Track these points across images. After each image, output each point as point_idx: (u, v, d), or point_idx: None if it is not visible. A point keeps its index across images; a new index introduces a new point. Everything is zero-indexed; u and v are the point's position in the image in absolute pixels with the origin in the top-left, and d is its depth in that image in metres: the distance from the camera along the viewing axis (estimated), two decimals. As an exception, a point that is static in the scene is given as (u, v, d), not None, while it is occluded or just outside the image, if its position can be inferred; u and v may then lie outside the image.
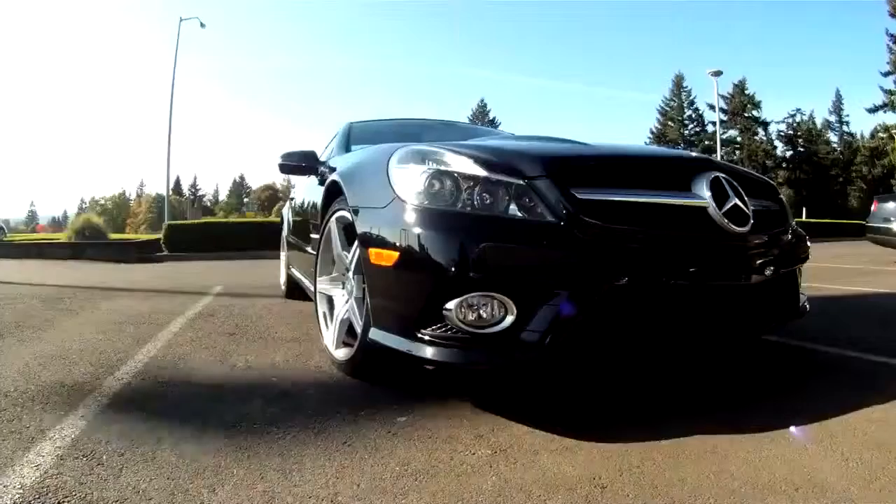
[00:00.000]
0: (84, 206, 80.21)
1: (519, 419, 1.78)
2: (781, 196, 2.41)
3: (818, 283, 5.70)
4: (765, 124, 49.19)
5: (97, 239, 13.14)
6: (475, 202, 1.74)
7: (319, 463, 1.51)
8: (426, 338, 1.73)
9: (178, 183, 77.65)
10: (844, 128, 51.28)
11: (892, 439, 1.60)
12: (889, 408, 1.85)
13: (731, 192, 1.92)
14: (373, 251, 1.89)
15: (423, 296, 1.72)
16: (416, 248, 1.73)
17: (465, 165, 1.81)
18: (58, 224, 71.95)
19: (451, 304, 1.66)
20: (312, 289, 2.77)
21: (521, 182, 1.74)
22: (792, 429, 1.65)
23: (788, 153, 49.57)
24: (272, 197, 79.40)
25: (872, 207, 8.99)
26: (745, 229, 1.89)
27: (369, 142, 3.11)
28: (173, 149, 19.18)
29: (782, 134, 49.82)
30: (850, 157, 48.27)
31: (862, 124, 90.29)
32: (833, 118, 51.47)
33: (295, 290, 4.49)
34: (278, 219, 7.03)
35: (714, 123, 40.85)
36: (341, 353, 2.30)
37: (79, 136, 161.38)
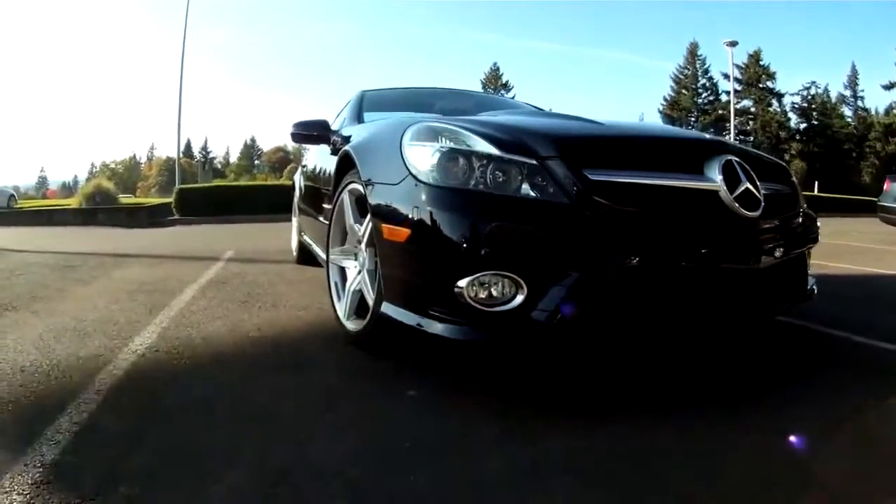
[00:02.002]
0: (94, 170, 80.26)
1: (528, 399, 1.80)
2: (793, 179, 2.37)
3: (825, 260, 5.63)
4: (779, 96, 48.88)
5: (108, 204, 13.19)
6: (488, 181, 1.73)
7: (331, 437, 1.52)
8: (437, 314, 1.74)
9: (188, 146, 77.26)
10: (859, 103, 50.75)
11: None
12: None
13: (743, 177, 1.90)
14: (385, 227, 1.90)
15: (435, 273, 1.74)
16: (429, 225, 1.74)
17: (478, 144, 1.80)
18: (68, 189, 72.02)
19: (462, 282, 1.67)
20: (324, 257, 2.76)
21: (534, 162, 1.74)
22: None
23: (802, 125, 49.31)
24: (283, 159, 79.26)
25: (885, 187, 8.89)
26: (756, 214, 1.88)
27: (382, 111, 3.08)
28: (184, 111, 19.05)
29: (796, 106, 49.46)
30: (864, 132, 47.87)
31: (877, 100, 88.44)
32: (848, 93, 50.95)
33: (306, 256, 4.48)
34: (288, 182, 7.01)
35: (728, 93, 40.49)
36: (353, 325, 2.31)
37: (88, 100, 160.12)
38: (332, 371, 2.07)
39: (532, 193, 1.71)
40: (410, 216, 1.79)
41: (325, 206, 3.01)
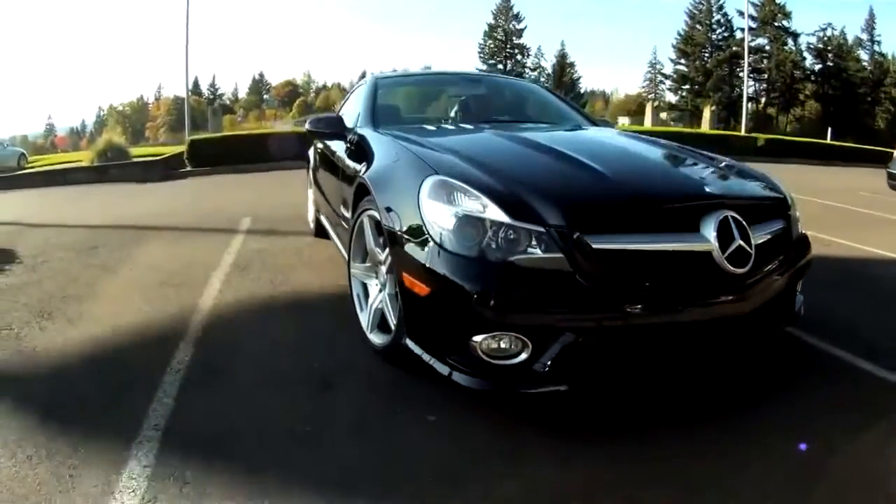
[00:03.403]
0: (102, 113, 79.50)
1: (539, 427, 1.98)
2: (791, 212, 2.43)
3: (825, 233, 5.51)
4: (794, 35, 48.92)
5: (120, 159, 13.18)
6: (500, 243, 1.89)
7: (360, 467, 1.73)
8: (453, 363, 1.95)
9: (196, 83, 75.49)
10: (876, 47, 50.21)
11: None
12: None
13: (736, 234, 1.98)
14: (407, 277, 2.04)
15: (453, 328, 1.94)
16: (448, 288, 1.90)
17: (490, 209, 1.92)
18: (77, 134, 71.75)
19: (477, 338, 1.87)
20: (345, 256, 2.88)
21: (542, 230, 1.88)
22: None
23: (817, 67, 49.35)
24: (292, 93, 78.06)
25: (895, 155, 8.67)
26: (746, 269, 1.99)
27: (395, 102, 3.42)
28: (191, 49, 18.67)
29: (812, 47, 49.34)
30: (880, 77, 47.94)
31: (894, 45, 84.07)
32: (865, 36, 50.20)
33: (323, 230, 4.55)
34: (297, 128, 6.92)
35: (742, 30, 39.21)
36: (376, 338, 2.45)
37: (92, 43, 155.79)
38: (357, 388, 2.24)
39: (539, 253, 1.86)
40: (430, 277, 1.95)
41: (343, 212, 3.13)
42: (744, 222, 2.02)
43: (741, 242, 1.97)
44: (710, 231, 1.94)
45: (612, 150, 2.59)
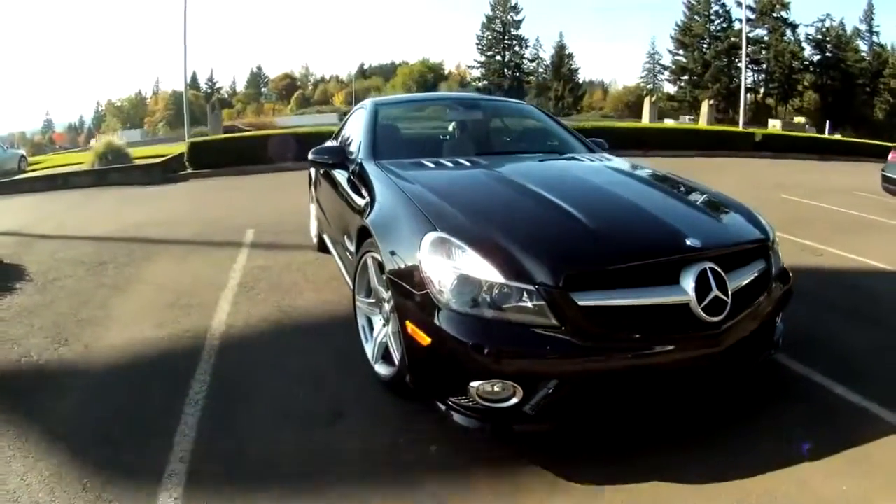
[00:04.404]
0: (100, 109, 79.45)
1: (532, 460, 2.16)
2: (771, 251, 2.54)
3: (817, 241, 5.56)
4: (793, 26, 49.51)
5: (120, 162, 13.26)
6: (493, 300, 2.06)
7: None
8: (453, 404, 2.15)
9: (194, 77, 75.18)
10: (874, 38, 50.84)
11: None
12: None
13: (713, 285, 2.12)
14: (409, 325, 2.19)
15: (452, 374, 2.12)
16: (448, 340, 2.06)
17: (486, 272, 2.08)
18: (74, 130, 71.54)
19: (474, 384, 2.06)
20: (349, 284, 3.05)
21: (532, 287, 2.03)
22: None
23: (816, 58, 49.98)
24: (290, 86, 78.01)
25: (890, 157, 8.66)
26: (721, 318, 2.12)
27: (395, 142, 3.64)
28: (188, 43, 18.65)
29: (810, 38, 49.90)
30: (878, 67, 48.44)
31: (893, 37, 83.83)
32: (863, 27, 50.92)
33: (326, 247, 4.65)
34: (298, 129, 6.96)
35: (740, 20, 39.35)
36: (381, 369, 2.60)
37: (89, 39, 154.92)
38: (365, 417, 2.39)
39: (530, 305, 2.03)
40: (431, 330, 2.11)
41: (346, 242, 3.28)
42: (722, 272, 2.15)
43: (718, 293, 2.11)
44: (688, 283, 2.08)
45: (600, 198, 2.69)
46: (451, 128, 4.32)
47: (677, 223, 2.36)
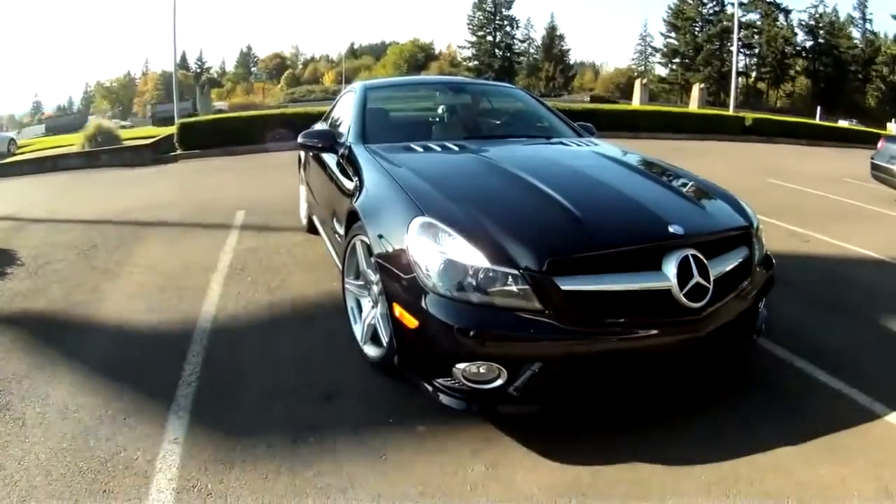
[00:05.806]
0: (89, 90, 78.60)
1: (513, 438, 2.25)
2: (755, 239, 2.59)
3: (805, 227, 5.60)
4: (786, 11, 49.82)
5: (110, 144, 13.18)
6: (479, 284, 2.10)
7: (362, 474, 2.05)
8: (440, 386, 2.20)
9: (183, 58, 74.44)
10: (868, 25, 51.30)
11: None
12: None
13: (695, 271, 2.18)
14: (397, 307, 2.24)
15: (439, 356, 2.17)
16: (434, 324, 2.12)
17: (473, 256, 2.12)
18: (63, 111, 70.65)
19: (460, 366, 2.11)
20: (338, 265, 3.11)
21: (517, 272, 2.08)
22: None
23: (808, 43, 50.47)
24: (280, 65, 77.46)
25: (879, 145, 8.71)
26: (703, 304, 2.18)
27: (383, 125, 3.67)
28: (178, 22, 18.50)
29: (803, 23, 50.39)
30: (871, 55, 48.91)
31: (886, 26, 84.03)
32: (857, 14, 51.25)
33: (315, 228, 4.71)
34: (287, 109, 6.97)
35: (733, 4, 39.29)
36: (370, 350, 2.67)
37: (77, 19, 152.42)
38: (357, 400, 2.47)
39: (515, 290, 2.08)
40: (418, 313, 2.16)
41: (336, 226, 3.30)
42: (704, 259, 2.21)
43: (699, 279, 2.17)
44: (670, 269, 2.14)
45: (585, 184, 2.71)
46: (440, 111, 4.34)
47: (660, 210, 2.39)
